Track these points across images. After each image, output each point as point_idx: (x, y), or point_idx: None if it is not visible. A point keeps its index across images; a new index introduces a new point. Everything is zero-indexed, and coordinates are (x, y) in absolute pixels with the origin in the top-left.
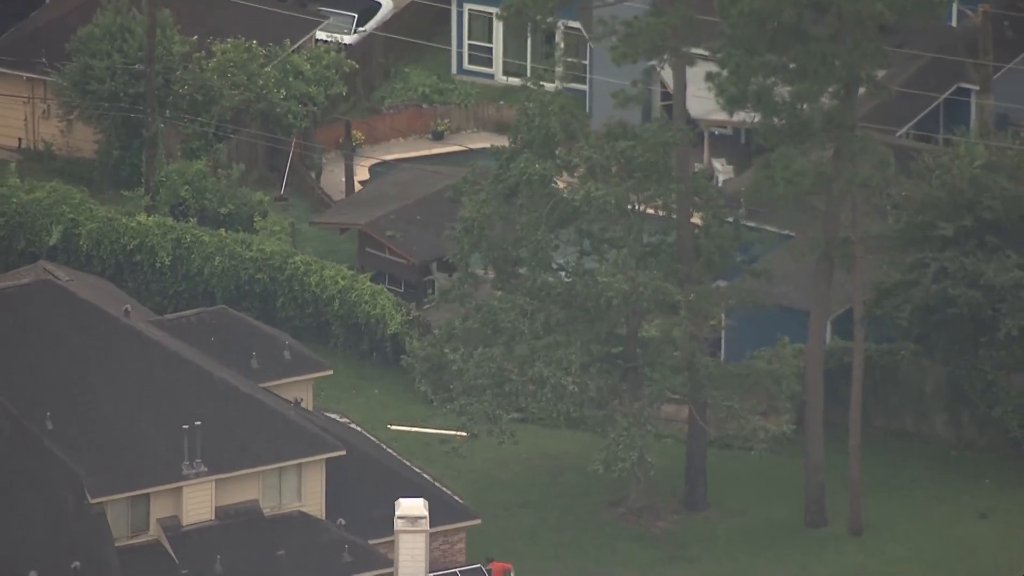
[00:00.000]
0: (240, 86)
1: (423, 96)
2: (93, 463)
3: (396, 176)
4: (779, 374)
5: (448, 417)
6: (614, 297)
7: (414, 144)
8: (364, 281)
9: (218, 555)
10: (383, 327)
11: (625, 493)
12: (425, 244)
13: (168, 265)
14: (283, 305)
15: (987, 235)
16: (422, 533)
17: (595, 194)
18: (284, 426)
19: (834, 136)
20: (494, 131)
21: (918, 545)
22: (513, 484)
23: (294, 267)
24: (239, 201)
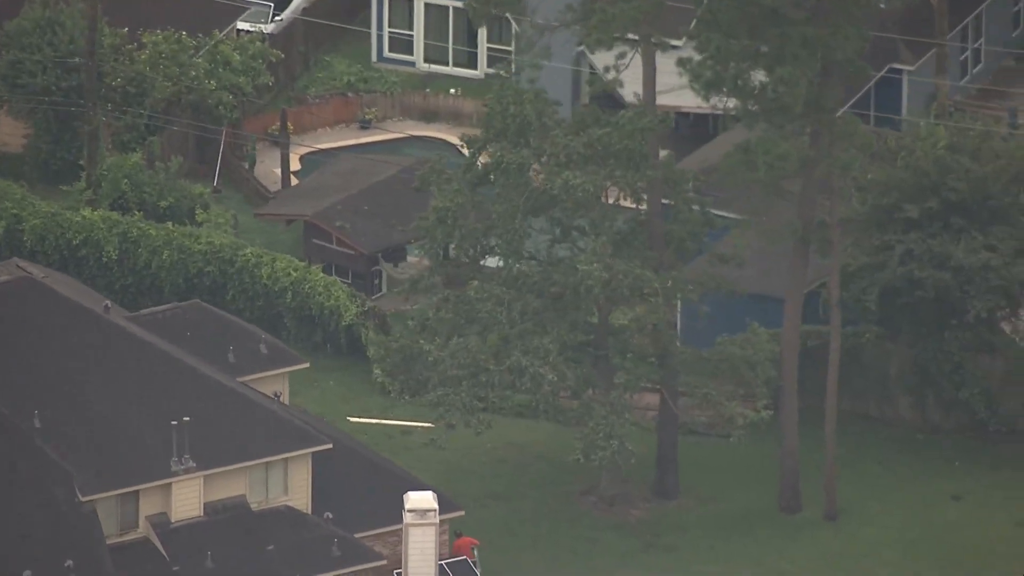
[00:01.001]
0: (173, 78)
1: (348, 85)
2: (82, 461)
3: (337, 166)
4: (754, 360)
5: (408, 408)
6: (594, 285)
7: (341, 133)
8: (316, 273)
9: (208, 551)
10: (337, 318)
11: (596, 482)
12: (374, 234)
13: (115, 259)
14: (233, 298)
15: (952, 217)
16: (431, 526)
17: (574, 182)
18: (270, 421)
19: (815, 119)
20: (420, 119)
21: (894, 529)
22: (481, 475)
23: (244, 259)
24: (179, 194)
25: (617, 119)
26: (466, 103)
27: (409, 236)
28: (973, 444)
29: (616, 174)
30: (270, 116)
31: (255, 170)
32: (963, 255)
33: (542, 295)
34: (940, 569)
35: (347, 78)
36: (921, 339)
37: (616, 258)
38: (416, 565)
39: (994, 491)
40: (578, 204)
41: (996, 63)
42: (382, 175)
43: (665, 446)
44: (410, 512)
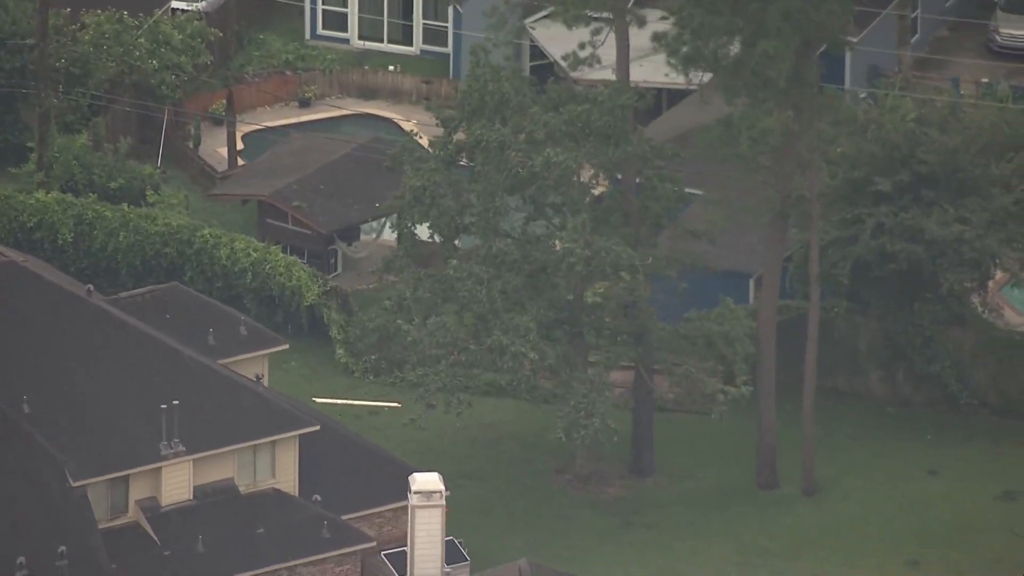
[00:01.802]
0: (116, 58)
1: (286, 63)
2: (72, 446)
3: (289, 145)
4: (732, 336)
5: (373, 388)
6: (576, 263)
7: (281, 112)
8: (276, 253)
9: (199, 535)
10: (299, 299)
11: (569, 460)
12: (331, 214)
13: (70, 242)
14: (191, 279)
15: (923, 189)
16: (438, 508)
17: (556, 159)
18: (257, 403)
19: (797, 93)
20: (359, 97)
21: (873, 504)
22: (453, 455)
23: (203, 240)
24: (128, 175)
25: (595, 95)
26: (405, 80)
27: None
28: (944, 418)
29: (597, 151)
30: (210, 95)
31: (199, 150)
32: (936, 228)
33: (521, 273)
34: (923, 544)
35: (285, 56)
36: (891, 313)
37: (596, 235)
38: (423, 547)
39: (969, 465)
40: (559, 181)
41: (931, 33)
42: (337, 154)
43: (641, 424)
44: (416, 494)
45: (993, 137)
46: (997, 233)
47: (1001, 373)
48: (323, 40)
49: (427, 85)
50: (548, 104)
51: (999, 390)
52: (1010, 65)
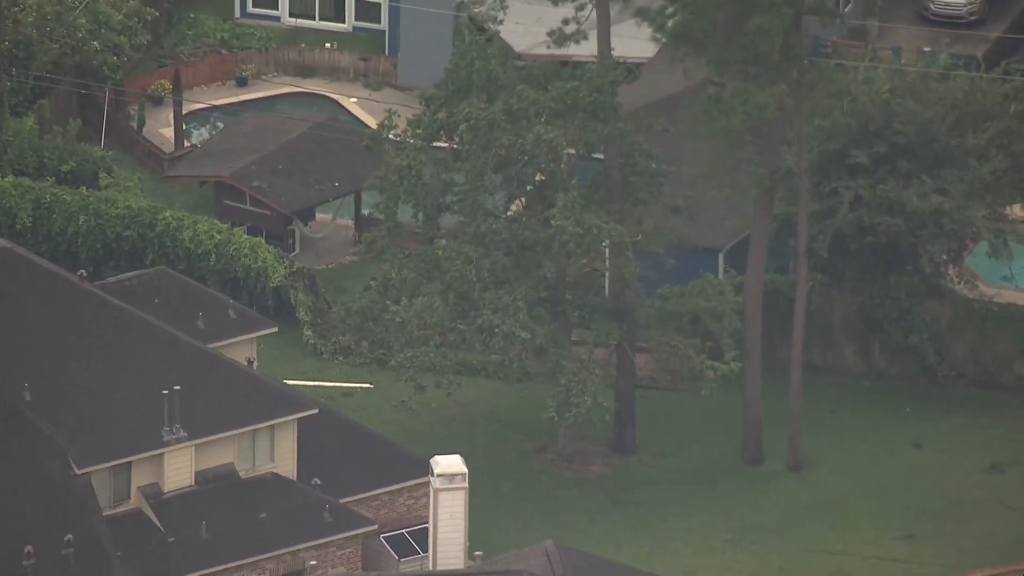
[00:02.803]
0: (59, 39)
1: (221, 41)
2: (74, 433)
3: (242, 125)
4: (719, 311)
5: (342, 369)
6: (568, 240)
7: (218, 91)
8: (240, 234)
9: (203, 521)
10: (265, 280)
11: (550, 440)
12: (292, 194)
13: (28, 227)
14: (153, 262)
15: (899, 161)
16: (461, 490)
17: (546, 136)
18: (257, 387)
19: (789, 67)
20: (296, 74)
21: (860, 478)
22: (431, 436)
23: (165, 222)
24: (80, 158)
25: (583, 72)
26: (343, 57)
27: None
28: (922, 390)
29: (586, 127)
30: (147, 76)
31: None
32: (917, 200)
33: (510, 252)
34: (916, 518)
35: (220, 34)
36: (867, 286)
37: (586, 213)
38: (446, 530)
39: (952, 437)
40: (550, 159)
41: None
42: (293, 133)
43: (623, 401)
44: (439, 476)
45: (967, 107)
46: (975, 204)
47: (979, 344)
48: (253, 18)
49: (364, 62)
50: (533, 82)
51: (977, 361)
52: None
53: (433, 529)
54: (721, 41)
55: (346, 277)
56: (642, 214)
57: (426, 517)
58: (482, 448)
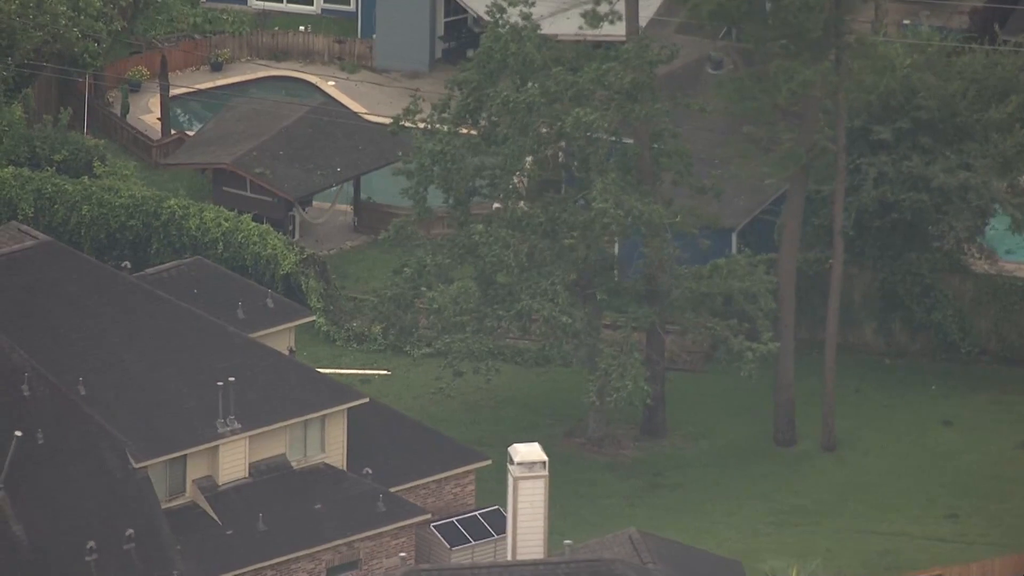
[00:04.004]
0: (43, 27)
1: (194, 26)
2: (129, 427)
3: (236, 111)
4: (753, 292)
5: (357, 355)
6: (611, 223)
7: (193, 77)
8: (248, 222)
9: (259, 513)
10: (275, 267)
11: (578, 424)
12: (295, 180)
13: (31, 217)
14: (157, 251)
15: (921, 136)
16: (541, 479)
17: (587, 119)
18: (307, 377)
19: (833, 43)
20: (270, 58)
21: (894, 456)
22: (457, 422)
23: (170, 211)
24: (72, 147)
25: (619, 53)
26: (317, 40)
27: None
28: (944, 367)
29: (625, 108)
30: (123, 62)
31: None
32: (944, 176)
33: (548, 236)
34: (957, 496)
35: (193, 19)
36: (888, 263)
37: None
38: (526, 519)
39: (981, 414)
40: (589, 141)
41: None
42: (290, 118)
43: (654, 383)
44: (519, 465)
45: (987, 81)
46: (1000, 179)
47: (1003, 320)
48: (219, 2)
49: (340, 45)
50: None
51: (1000, 337)
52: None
53: (512, 518)
54: (760, 18)
55: (348, 263)
56: (672, 195)
57: (471, 504)
58: (509, 433)
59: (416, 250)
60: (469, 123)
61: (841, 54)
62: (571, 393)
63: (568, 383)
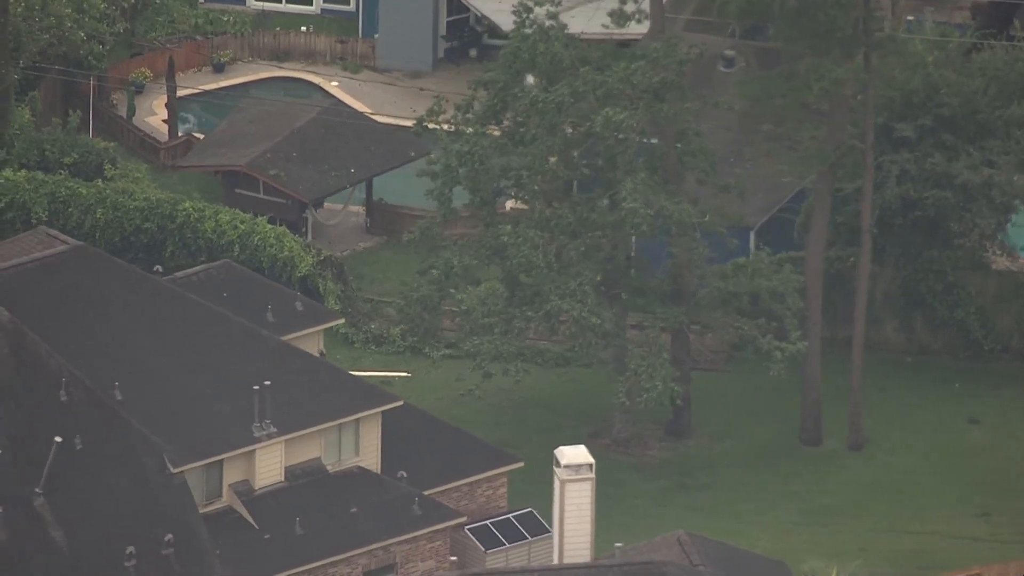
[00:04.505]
0: (49, 29)
1: (195, 27)
2: (166, 432)
3: (245, 113)
4: (780, 291)
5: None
6: (641, 223)
7: (195, 78)
8: (264, 224)
9: (296, 517)
10: (292, 270)
11: (602, 425)
12: (309, 181)
13: (44, 221)
14: (172, 254)
15: (943, 133)
16: (588, 481)
17: (616, 118)
18: (341, 380)
19: (864, 40)
20: (271, 59)
21: (921, 455)
22: (480, 423)
23: (185, 214)
24: (82, 149)
25: (646, 52)
26: (319, 40)
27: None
28: (967, 365)
29: (653, 108)
30: (125, 64)
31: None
32: (968, 173)
33: (576, 236)
34: (988, 495)
35: (194, 20)
36: (910, 261)
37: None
38: (573, 522)
39: (1008, 412)
40: (618, 141)
41: None
42: (302, 120)
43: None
44: (565, 468)
45: (1009, 77)
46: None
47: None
48: (218, 3)
49: (342, 44)
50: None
51: (1023, 334)
52: None
53: (559, 521)
54: (790, 16)
55: (362, 264)
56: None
57: (503, 507)
58: (534, 434)
59: (442, 251)
60: (494, 123)
61: (870, 51)
62: (593, 394)
63: (589, 384)
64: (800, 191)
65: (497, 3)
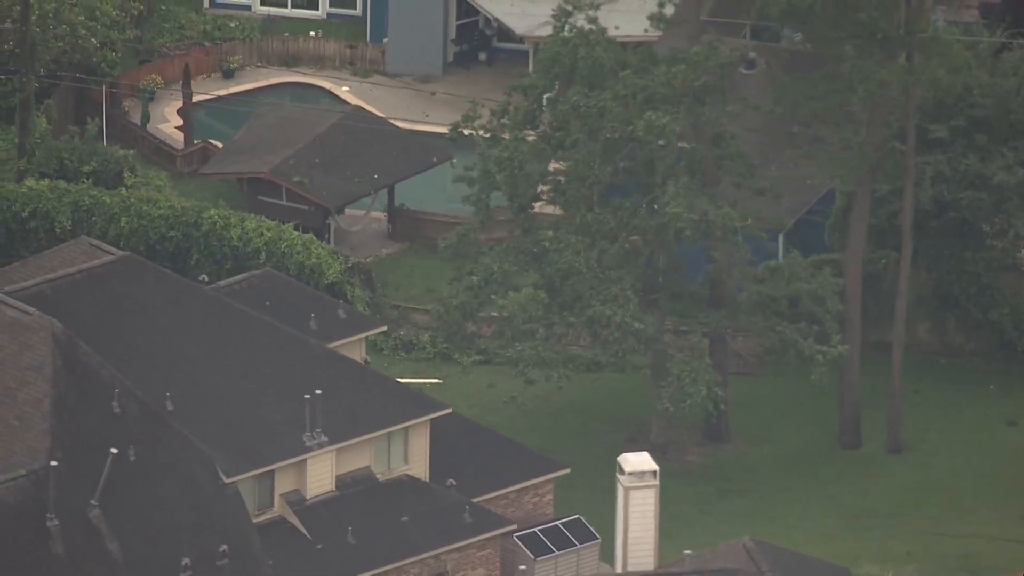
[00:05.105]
0: (63, 37)
1: (204, 33)
2: (217, 442)
3: (263, 119)
4: (820, 294)
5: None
6: (684, 228)
7: (204, 84)
8: (291, 231)
9: (348, 527)
10: (319, 277)
11: (638, 430)
12: (333, 188)
13: (68, 230)
14: (197, 262)
15: (976, 134)
16: (652, 488)
17: (659, 122)
18: (390, 388)
19: (906, 41)
20: (280, 64)
21: (962, 458)
22: (516, 430)
23: (211, 221)
24: (101, 158)
25: (687, 56)
26: (328, 45)
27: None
28: (1000, 366)
29: (696, 111)
30: (137, 71)
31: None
32: (1003, 173)
33: (616, 241)
34: None
35: (203, 26)
36: (943, 262)
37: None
38: (637, 530)
39: None
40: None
41: None
42: (323, 126)
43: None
44: (629, 475)
45: None
46: None
47: None
48: (223, 8)
49: (351, 49)
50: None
51: None
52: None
53: (623, 529)
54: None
55: (386, 270)
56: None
57: (550, 514)
58: (570, 440)
59: (482, 257)
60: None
61: (912, 52)
62: (625, 399)
63: (620, 388)
64: (826, 194)
65: (509, 6)
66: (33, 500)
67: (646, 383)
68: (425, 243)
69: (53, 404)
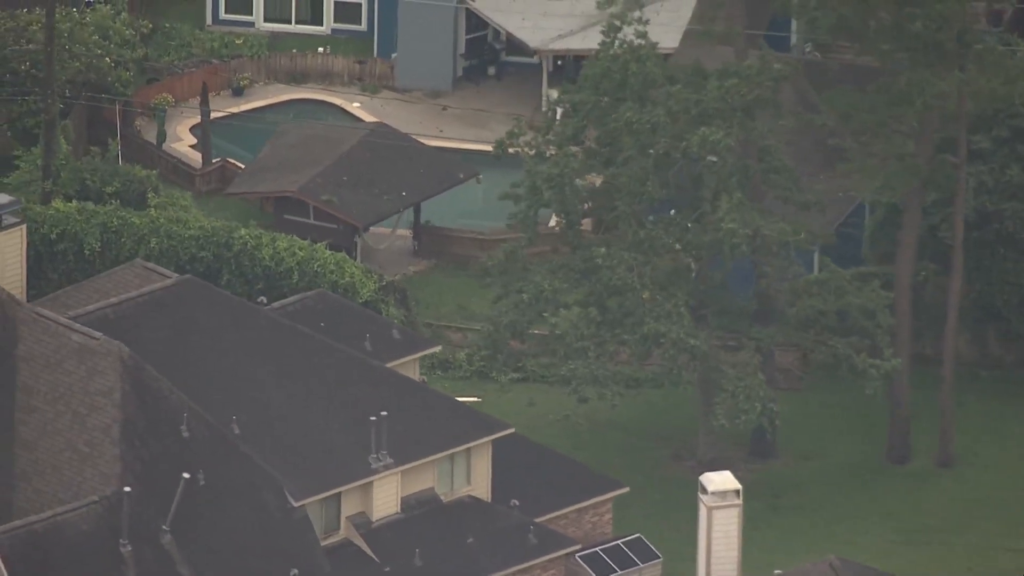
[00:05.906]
0: (78, 56)
1: (211, 51)
2: (284, 465)
3: (285, 137)
4: (871, 307)
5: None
6: (740, 243)
7: (214, 102)
8: (323, 250)
9: (415, 549)
10: (352, 295)
11: (684, 446)
12: (362, 206)
13: (98, 252)
14: (228, 282)
15: (1018, 144)
16: (735, 508)
17: (712, 137)
18: (452, 409)
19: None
20: (289, 81)
21: (1013, 471)
22: (563, 447)
23: (242, 241)
24: (123, 178)
25: (740, 70)
26: (336, 61)
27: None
28: None
29: (748, 126)
30: (147, 90)
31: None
32: None
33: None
34: None
35: (210, 44)
36: (984, 273)
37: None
38: (720, 550)
39: None
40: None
41: None
42: (348, 143)
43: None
44: (712, 494)
45: None
46: None
47: None
48: (226, 25)
49: (360, 65)
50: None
51: None
52: None
53: (706, 549)
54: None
55: (415, 288)
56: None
57: (608, 533)
58: (616, 457)
59: (530, 275)
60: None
61: (966, 63)
62: (669, 415)
63: (663, 405)
64: (858, 206)
65: (521, 20)
66: (107, 526)
67: (688, 399)
68: (451, 260)
69: (123, 429)
